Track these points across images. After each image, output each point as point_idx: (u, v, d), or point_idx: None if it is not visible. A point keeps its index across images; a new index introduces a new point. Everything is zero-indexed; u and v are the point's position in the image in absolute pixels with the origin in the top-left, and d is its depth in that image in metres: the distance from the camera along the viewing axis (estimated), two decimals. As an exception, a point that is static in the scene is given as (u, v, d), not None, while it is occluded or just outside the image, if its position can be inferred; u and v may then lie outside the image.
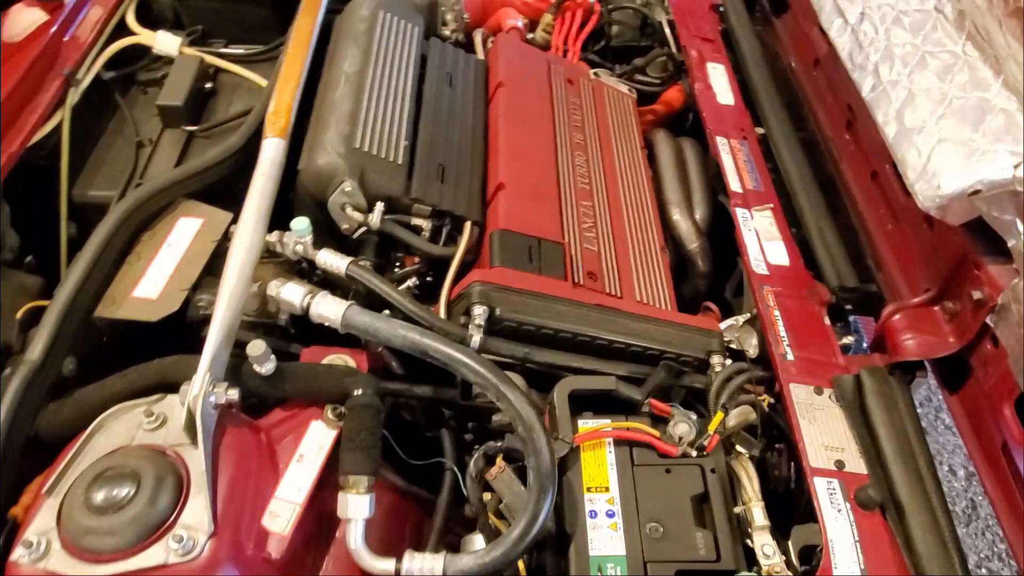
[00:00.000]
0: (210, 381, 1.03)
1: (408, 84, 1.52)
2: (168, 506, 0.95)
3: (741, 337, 1.50)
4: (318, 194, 1.33)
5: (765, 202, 1.55)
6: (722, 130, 1.70)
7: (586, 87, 1.78)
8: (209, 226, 1.30)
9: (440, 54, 1.64)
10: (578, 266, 1.37)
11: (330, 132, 1.35)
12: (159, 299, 1.20)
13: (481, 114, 1.59)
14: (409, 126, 1.45)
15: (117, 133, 1.55)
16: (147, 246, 1.27)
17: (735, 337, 1.51)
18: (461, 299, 1.25)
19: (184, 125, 1.54)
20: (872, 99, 1.37)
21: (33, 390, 1.08)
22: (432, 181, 1.39)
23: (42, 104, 1.40)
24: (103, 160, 1.50)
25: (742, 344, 1.49)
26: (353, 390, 1.10)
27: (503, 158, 1.46)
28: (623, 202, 1.57)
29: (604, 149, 1.66)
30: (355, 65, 1.48)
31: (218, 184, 1.38)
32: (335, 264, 1.27)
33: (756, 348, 1.46)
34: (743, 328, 1.52)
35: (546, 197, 1.45)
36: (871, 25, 1.44)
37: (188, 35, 1.71)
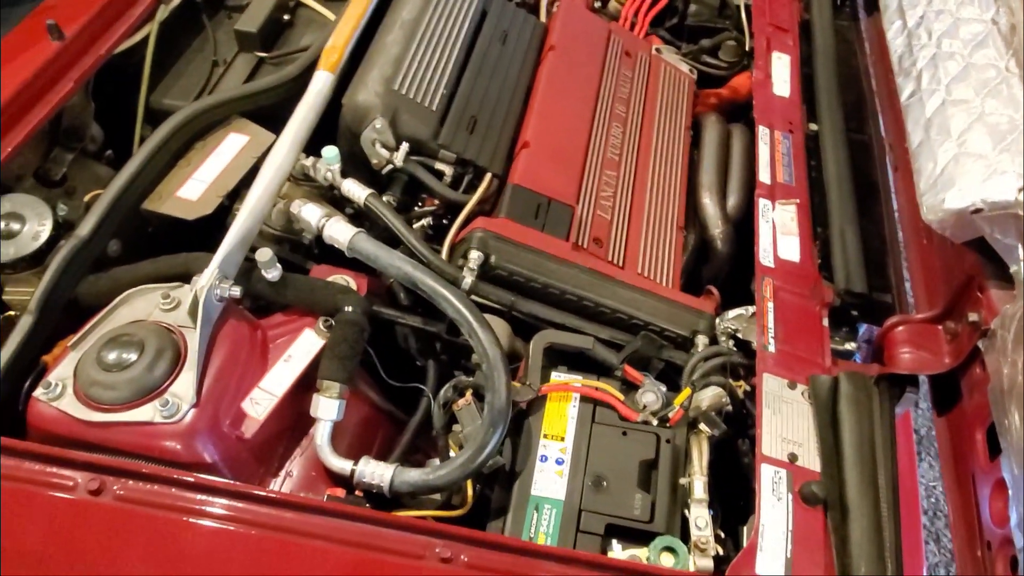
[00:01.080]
0: (218, 276, 1.16)
1: (460, 36, 1.59)
2: (162, 374, 1.09)
3: (747, 329, 1.52)
4: (354, 127, 1.43)
5: (792, 197, 1.54)
6: (768, 120, 1.68)
7: (643, 61, 1.80)
8: (253, 143, 1.43)
9: (500, 11, 1.70)
10: (586, 230, 1.42)
11: (374, 72, 1.45)
12: (198, 201, 1.34)
13: (527, 74, 1.65)
14: (452, 76, 1.53)
15: (198, 51, 1.70)
16: (198, 153, 1.42)
17: (742, 328, 1.52)
18: (463, 242, 1.33)
19: (256, 51, 1.68)
20: (907, 105, 1.34)
21: (78, 261, 1.24)
22: (461, 131, 1.47)
23: (134, 16, 1.56)
24: (181, 73, 1.66)
25: (747, 335, 1.50)
26: (344, 306, 1.21)
27: (534, 117, 1.52)
28: (650, 177, 1.60)
29: (645, 124, 1.68)
30: (412, 12, 1.56)
31: (270, 108, 1.51)
32: (356, 194, 1.38)
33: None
34: (751, 320, 1.53)
35: (569, 160, 1.50)
36: (926, 31, 1.40)
37: (278, -33, 1.84)
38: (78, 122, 1.52)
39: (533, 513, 1.14)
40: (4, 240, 1.27)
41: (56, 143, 1.51)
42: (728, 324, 1.51)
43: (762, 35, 1.90)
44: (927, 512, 2.45)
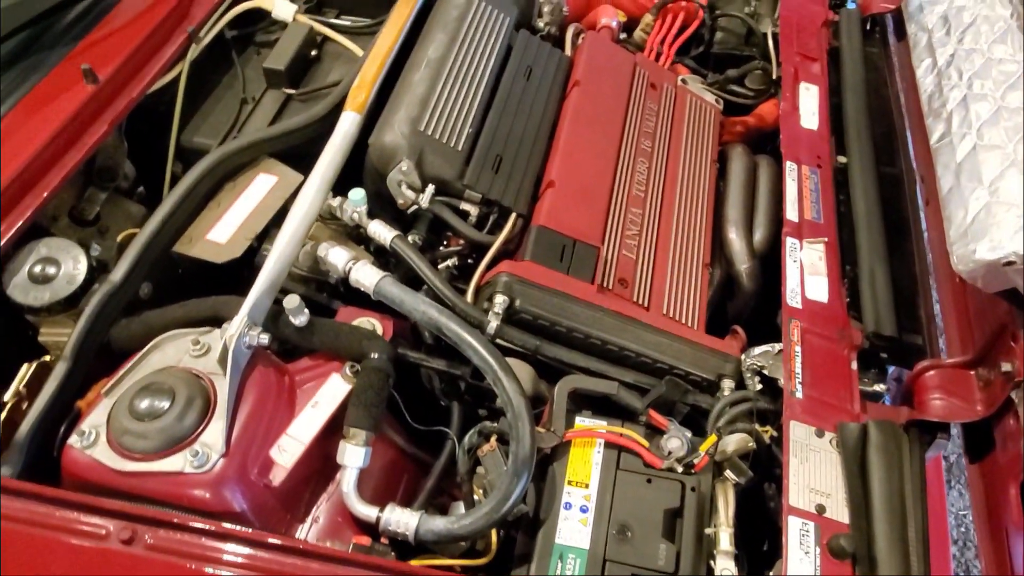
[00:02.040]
0: (247, 324, 1.18)
1: (486, 74, 1.60)
2: (193, 424, 1.11)
3: (774, 366, 1.50)
4: (381, 168, 1.45)
5: (820, 235, 1.52)
6: (795, 155, 1.66)
7: (668, 93, 1.79)
8: (282, 184, 1.45)
9: (525, 46, 1.71)
10: (611, 271, 1.42)
11: (400, 113, 1.46)
12: (227, 244, 1.37)
13: (552, 110, 1.65)
14: (478, 115, 1.54)
15: (227, 88, 1.73)
16: (228, 195, 1.44)
17: (768, 364, 1.51)
18: (488, 286, 1.34)
19: (284, 88, 1.70)
20: (937, 149, 1.32)
21: (111, 306, 1.27)
22: (487, 170, 1.47)
23: (165, 56, 1.59)
24: (211, 111, 1.68)
25: (773, 372, 1.49)
26: (370, 352, 1.22)
27: (559, 156, 1.52)
28: (676, 214, 1.59)
29: (670, 159, 1.68)
30: (439, 51, 1.57)
31: (299, 147, 1.53)
32: (383, 235, 1.39)
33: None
34: (777, 356, 1.52)
35: (594, 199, 1.49)
36: (956, 70, 1.37)
37: (305, 2, 1.87)
38: (112, 162, 1.56)
39: (557, 563, 1.14)
40: (40, 284, 1.30)
41: (90, 183, 1.54)
42: (754, 361, 1.50)
43: (789, 64, 1.89)
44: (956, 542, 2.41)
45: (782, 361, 1.36)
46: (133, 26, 1.57)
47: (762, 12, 2.07)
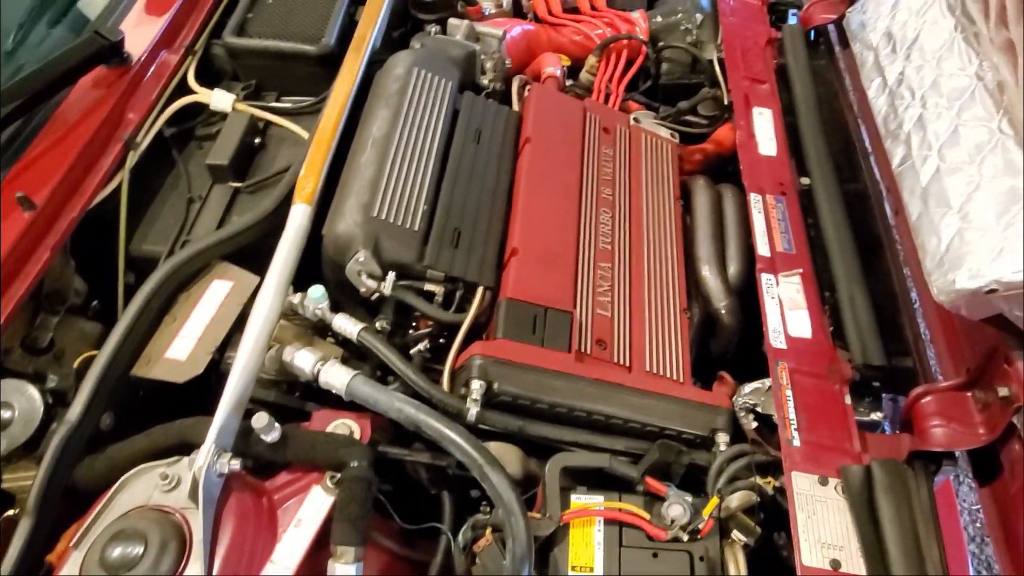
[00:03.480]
0: (216, 451, 1.12)
1: (435, 145, 1.56)
2: (169, 568, 1.05)
3: (767, 402, 1.47)
4: (337, 259, 1.40)
5: (794, 267, 1.50)
6: (758, 185, 1.64)
7: (622, 135, 1.77)
8: (238, 289, 1.40)
9: (471, 109, 1.68)
10: (587, 334, 1.38)
11: (351, 200, 1.42)
12: (187, 361, 1.31)
13: (507, 171, 1.61)
14: (431, 189, 1.50)
15: (172, 188, 1.68)
16: (183, 307, 1.39)
17: (760, 401, 1.47)
18: (463, 370, 1.29)
19: (231, 181, 1.65)
20: (900, 173, 1.30)
21: (71, 447, 1.20)
22: (446, 247, 1.43)
23: (103, 169, 1.54)
24: (157, 215, 1.63)
25: (767, 409, 1.45)
26: (349, 461, 1.17)
27: (519, 221, 1.48)
28: (646, 261, 1.55)
29: (633, 203, 1.65)
30: (383, 128, 1.53)
31: (251, 244, 1.48)
32: (348, 330, 1.34)
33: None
34: (768, 393, 1.48)
35: (560, 262, 1.45)
36: (908, 89, 1.36)
37: (243, 89, 1.82)
38: (60, 284, 1.49)
39: (572, 658, 1.08)
40: (-5, 433, 1.23)
41: (40, 308, 1.47)
42: (746, 399, 1.46)
43: (739, 90, 1.87)
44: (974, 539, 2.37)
45: (775, 408, 1.32)
46: (66, 143, 1.51)
47: (704, 39, 2.06)
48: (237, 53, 1.79)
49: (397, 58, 1.69)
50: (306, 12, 1.86)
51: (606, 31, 2.05)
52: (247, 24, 1.82)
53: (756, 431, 1.42)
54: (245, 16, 1.84)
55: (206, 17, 1.90)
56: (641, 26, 2.05)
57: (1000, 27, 1.19)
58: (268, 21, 1.84)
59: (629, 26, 2.03)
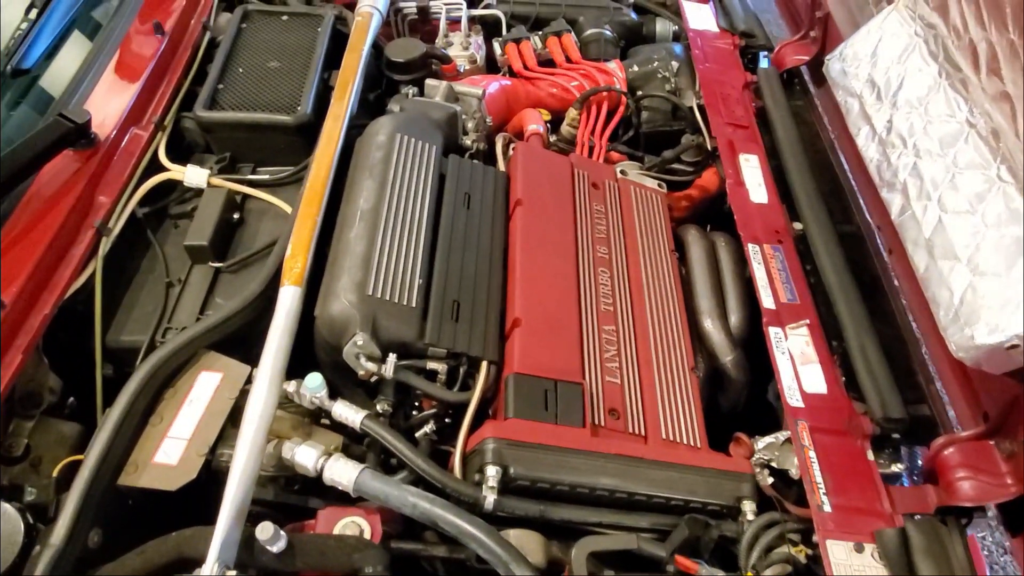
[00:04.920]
0: (218, 569, 1.03)
1: (424, 214, 1.51)
2: None
3: (781, 457, 1.43)
4: (333, 342, 1.33)
5: (801, 317, 1.47)
6: (753, 235, 1.62)
7: (612, 190, 1.74)
8: (228, 381, 1.32)
9: (458, 172, 1.63)
10: (599, 405, 1.33)
11: (343, 279, 1.36)
12: (178, 466, 1.22)
13: (500, 235, 1.57)
14: (424, 261, 1.44)
15: (149, 272, 1.59)
16: (169, 405, 1.30)
17: (776, 456, 1.43)
18: (476, 454, 1.23)
19: (211, 262, 1.57)
20: (901, 223, 1.28)
21: (58, 572, 1.10)
22: (446, 321, 1.37)
23: (75, 259, 1.45)
24: (135, 302, 1.54)
25: (783, 464, 1.41)
26: (363, 568, 1.09)
27: (519, 289, 1.43)
28: (649, 320, 1.52)
29: (630, 260, 1.61)
30: (370, 200, 1.48)
31: (239, 330, 1.40)
32: (350, 418, 1.27)
33: (799, 468, 1.38)
34: (783, 447, 1.44)
35: (565, 329, 1.41)
36: (899, 136, 1.35)
37: (217, 162, 1.76)
38: (33, 386, 1.39)
39: None
40: (-29, 565, 1.13)
41: (13, 413, 1.37)
42: (761, 456, 1.42)
43: (723, 137, 1.87)
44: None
45: (800, 471, 1.28)
46: (33, 234, 1.43)
47: (683, 86, 2.06)
48: (210, 127, 1.73)
49: (378, 124, 1.64)
50: (279, 80, 1.81)
51: (583, 83, 2.04)
52: (218, 96, 1.76)
53: (772, 486, 1.38)
54: (216, 87, 1.78)
55: (174, 90, 1.84)
56: (619, 76, 2.04)
57: (992, 77, 1.19)
58: (240, 91, 1.78)
59: (607, 77, 2.02)
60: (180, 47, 1.96)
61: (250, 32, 1.96)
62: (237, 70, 1.84)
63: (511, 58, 2.08)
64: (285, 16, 2.01)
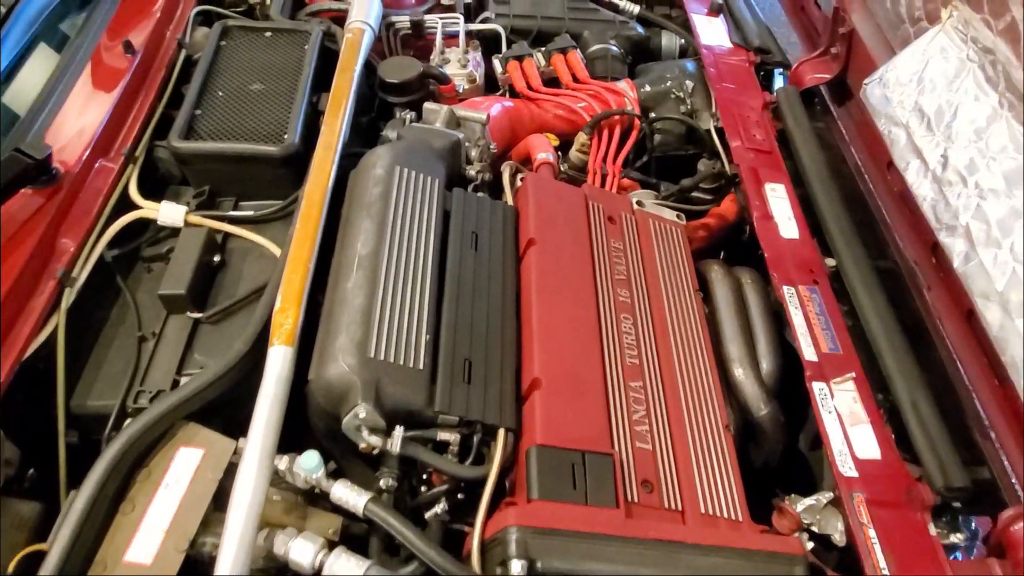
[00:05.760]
0: None
1: (429, 258, 1.36)
2: None
3: (823, 520, 1.30)
4: (330, 409, 1.18)
5: (845, 370, 1.34)
6: (787, 276, 1.49)
7: (629, 224, 1.60)
8: (210, 459, 1.16)
9: (463, 208, 1.48)
10: (631, 476, 1.19)
11: (341, 338, 1.20)
12: (154, 564, 1.06)
13: (511, 279, 1.42)
14: (431, 312, 1.29)
15: (118, 324, 1.43)
16: (142, 489, 1.14)
17: (816, 520, 1.31)
18: (496, 543, 1.07)
19: (189, 312, 1.41)
20: (967, 273, 1.16)
21: None
22: (458, 384, 1.22)
23: (35, 311, 1.29)
24: (102, 360, 1.37)
25: (824, 528, 1.29)
26: None
27: (537, 344, 1.29)
28: (678, 372, 1.37)
29: (653, 304, 1.47)
30: (368, 244, 1.33)
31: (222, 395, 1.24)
32: (352, 502, 1.12)
33: (843, 534, 1.26)
34: (826, 510, 1.32)
35: (589, 389, 1.26)
36: (956, 174, 1.22)
37: (195, 196, 1.59)
38: (-14, 462, 1.23)
39: None
40: None
41: (-38, 494, 1.20)
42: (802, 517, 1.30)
43: (746, 164, 1.73)
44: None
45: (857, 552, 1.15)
46: (-15, 288, 1.26)
47: (699, 107, 1.93)
48: (187, 159, 1.56)
49: (375, 156, 1.49)
50: (263, 105, 1.66)
51: (591, 104, 1.90)
52: (196, 123, 1.60)
53: (813, 552, 1.26)
54: (192, 113, 1.61)
55: (147, 115, 1.67)
56: (630, 96, 1.91)
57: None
58: (220, 118, 1.62)
59: (617, 98, 1.89)
60: (153, 67, 1.80)
61: (230, 50, 1.79)
62: (216, 94, 1.68)
63: (513, 77, 1.94)
64: (268, 32, 1.85)
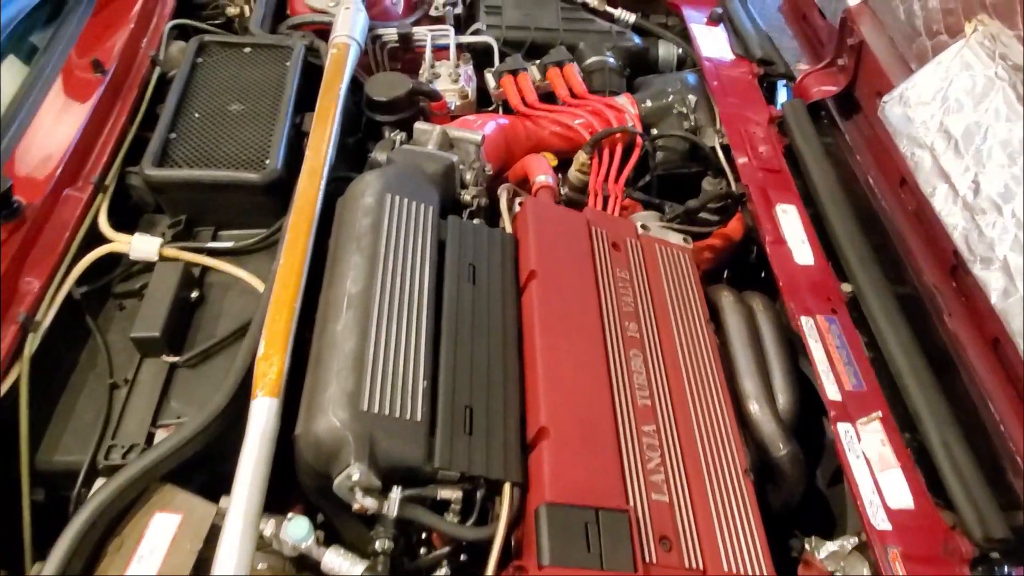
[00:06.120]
0: None
1: (424, 295, 1.26)
2: None
3: (849, 567, 1.23)
4: (320, 469, 1.08)
5: (871, 409, 1.26)
6: (804, 305, 1.41)
7: (634, 250, 1.51)
8: (189, 525, 1.05)
9: (459, 238, 1.38)
10: (648, 534, 1.09)
11: (332, 389, 1.10)
12: (125, 652, 0.96)
13: (512, 314, 1.32)
14: (427, 355, 1.19)
15: (88, 369, 1.32)
16: (114, 562, 1.03)
17: (841, 567, 1.23)
18: (505, 616, 0.98)
19: (165, 355, 1.31)
20: (1007, 310, 1.08)
21: None
22: (459, 435, 1.13)
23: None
24: (71, 410, 1.27)
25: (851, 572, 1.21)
26: None
27: (543, 389, 1.19)
28: (692, 413, 1.29)
29: (663, 337, 1.38)
30: (359, 281, 1.23)
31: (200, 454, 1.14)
32: (345, 572, 1.02)
33: (871, 583, 1.18)
34: (851, 556, 1.24)
35: (600, 437, 1.17)
36: (990, 201, 1.14)
37: (170, 227, 1.49)
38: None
39: None
40: None
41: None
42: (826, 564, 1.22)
43: (755, 184, 1.65)
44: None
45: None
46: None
47: (702, 124, 1.84)
48: (161, 187, 1.46)
49: (364, 183, 1.38)
50: (243, 127, 1.55)
51: (589, 119, 1.81)
52: (170, 148, 1.49)
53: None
54: (167, 137, 1.51)
55: (118, 139, 1.57)
56: (630, 112, 1.82)
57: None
58: (196, 142, 1.51)
59: (618, 114, 1.80)
60: (125, 86, 1.69)
61: (207, 68, 1.69)
62: (192, 115, 1.57)
63: (508, 93, 1.84)
64: (248, 48, 1.74)
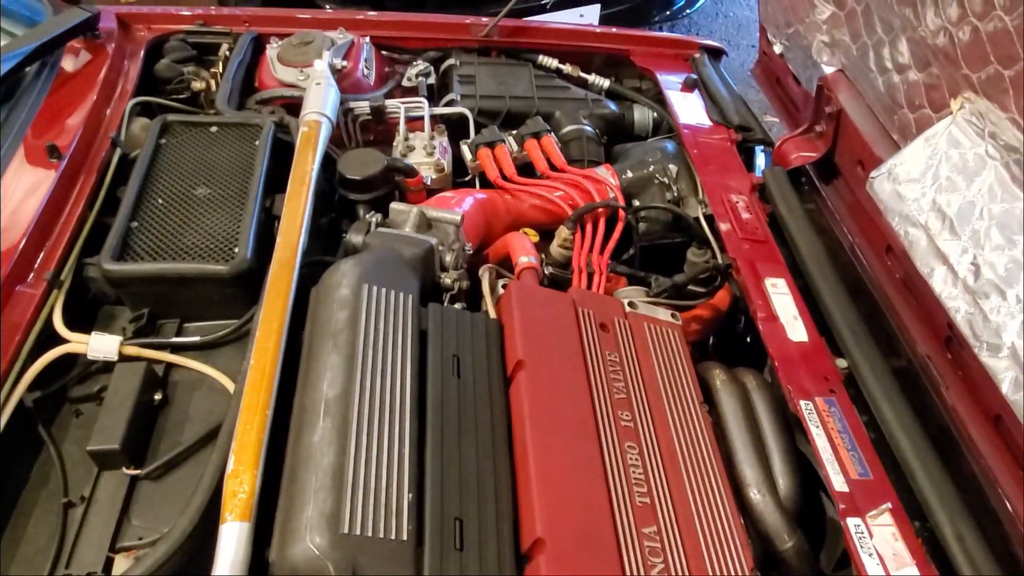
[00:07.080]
0: None
1: (407, 393, 1.18)
2: None
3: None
4: (297, 598, 0.98)
5: (880, 500, 1.20)
6: (802, 388, 1.36)
7: (623, 331, 1.45)
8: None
9: (442, 327, 1.32)
10: (655, 653, 1.01)
11: (308, 510, 1.01)
12: None
13: (500, 409, 1.25)
14: (412, 463, 1.11)
15: (40, 486, 1.21)
16: None
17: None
18: None
19: (125, 468, 1.21)
20: (1019, 402, 1.03)
21: None
22: (448, 552, 1.04)
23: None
24: (20, 534, 1.15)
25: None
26: None
27: (537, 495, 1.11)
28: (693, 509, 1.22)
29: (658, 424, 1.32)
30: (336, 384, 1.15)
31: (164, 584, 1.03)
32: None
33: None
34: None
35: (600, 545, 1.09)
36: (992, 286, 1.11)
37: (132, 322, 1.40)
38: None
39: None
40: None
41: None
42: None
43: (741, 257, 1.62)
44: None
45: None
46: None
47: (685, 194, 1.81)
48: (121, 282, 1.37)
49: (340, 272, 1.31)
50: (209, 213, 1.48)
51: (569, 192, 1.77)
52: (131, 239, 1.41)
53: None
54: (128, 226, 1.43)
55: (74, 228, 1.48)
56: (611, 183, 1.78)
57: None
58: (159, 232, 1.43)
59: (598, 186, 1.76)
60: (83, 169, 1.61)
61: (171, 149, 1.62)
62: (156, 201, 1.50)
63: (485, 166, 1.80)
64: (215, 127, 1.68)
